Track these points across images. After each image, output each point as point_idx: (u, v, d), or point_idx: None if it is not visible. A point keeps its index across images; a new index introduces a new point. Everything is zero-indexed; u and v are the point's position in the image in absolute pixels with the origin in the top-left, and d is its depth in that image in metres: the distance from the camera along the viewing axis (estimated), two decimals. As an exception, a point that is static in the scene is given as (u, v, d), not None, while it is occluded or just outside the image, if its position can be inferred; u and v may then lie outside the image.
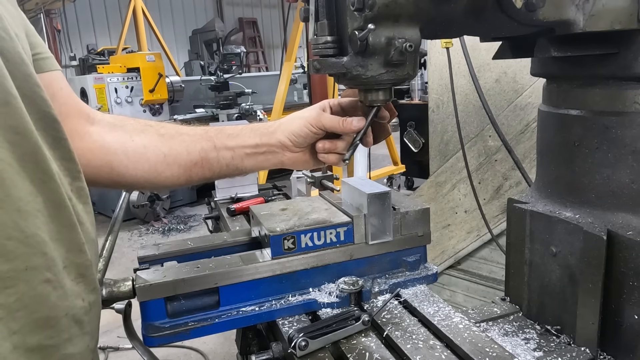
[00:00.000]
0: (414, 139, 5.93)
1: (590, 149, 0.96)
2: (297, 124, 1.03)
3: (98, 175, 0.99)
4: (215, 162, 1.05)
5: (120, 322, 1.07)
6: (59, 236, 0.71)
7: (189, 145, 1.04)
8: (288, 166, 1.09)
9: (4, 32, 0.66)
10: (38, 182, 0.68)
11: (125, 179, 1.01)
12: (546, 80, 1.10)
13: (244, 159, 1.06)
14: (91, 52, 10.47)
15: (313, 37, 0.95)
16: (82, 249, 0.76)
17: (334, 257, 1.13)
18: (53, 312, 0.69)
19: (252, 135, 1.05)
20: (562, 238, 0.99)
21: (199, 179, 1.06)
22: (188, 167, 1.03)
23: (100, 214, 6.48)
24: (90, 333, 0.78)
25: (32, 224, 0.66)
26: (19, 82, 0.66)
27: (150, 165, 1.01)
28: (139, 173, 1.01)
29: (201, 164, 1.04)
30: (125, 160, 1.00)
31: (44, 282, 0.67)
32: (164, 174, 1.03)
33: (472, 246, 2.79)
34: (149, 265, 1.17)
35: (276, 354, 0.99)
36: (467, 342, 0.92)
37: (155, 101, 6.39)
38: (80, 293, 0.75)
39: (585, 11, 0.85)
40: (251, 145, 1.05)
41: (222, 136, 1.06)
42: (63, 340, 0.71)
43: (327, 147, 1.03)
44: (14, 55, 0.67)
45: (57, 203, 0.71)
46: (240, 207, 1.87)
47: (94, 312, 0.79)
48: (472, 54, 2.23)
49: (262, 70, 15.51)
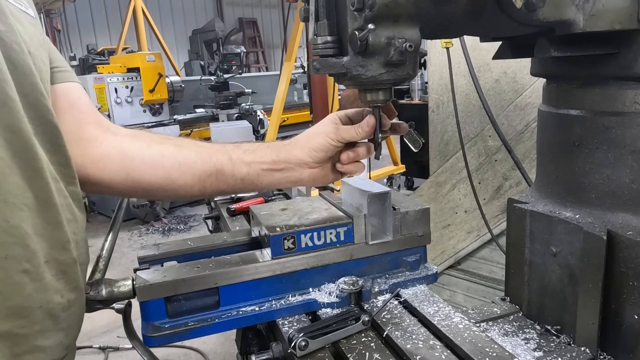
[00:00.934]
0: (414, 139, 5.92)
1: (590, 149, 0.96)
2: (317, 140, 1.04)
3: (113, 181, 1.00)
4: (230, 175, 1.05)
5: (120, 322, 1.07)
6: (43, 232, 0.75)
7: (204, 156, 1.05)
8: (307, 184, 1.11)
9: (17, 45, 0.74)
10: (28, 179, 0.73)
11: (140, 184, 1.02)
12: (546, 80, 1.10)
13: (260, 175, 1.06)
14: (91, 52, 10.47)
15: (313, 37, 0.95)
16: (65, 246, 0.79)
17: (334, 257, 1.13)
18: (27, 303, 0.72)
19: (269, 152, 1.07)
20: (562, 238, 0.99)
21: (213, 190, 1.07)
22: (202, 178, 1.04)
23: (100, 214, 6.49)
24: (66, 330, 0.80)
25: (17, 216, 0.70)
26: (25, 89, 0.74)
27: (165, 172, 1.03)
28: (153, 179, 1.02)
29: (216, 176, 1.05)
30: (141, 166, 1.01)
31: (21, 272, 0.71)
32: (178, 181, 1.04)
33: (472, 246, 2.79)
34: (149, 265, 1.17)
35: (276, 354, 0.99)
36: (467, 342, 0.92)
37: (155, 101, 6.39)
38: (59, 289, 0.78)
39: (585, 11, 0.85)
40: (268, 161, 1.06)
41: (239, 151, 1.07)
42: (34, 331, 0.74)
43: (352, 156, 1.06)
44: (22, 66, 0.74)
45: (45, 200, 0.76)
46: (240, 207, 1.87)
47: (73, 310, 0.82)
48: (472, 54, 2.23)
49: (262, 70, 15.52)
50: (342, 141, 1.04)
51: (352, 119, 1.09)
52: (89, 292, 1.00)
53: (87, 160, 0.96)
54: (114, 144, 1.01)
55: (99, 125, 1.02)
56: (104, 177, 0.99)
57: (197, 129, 6.81)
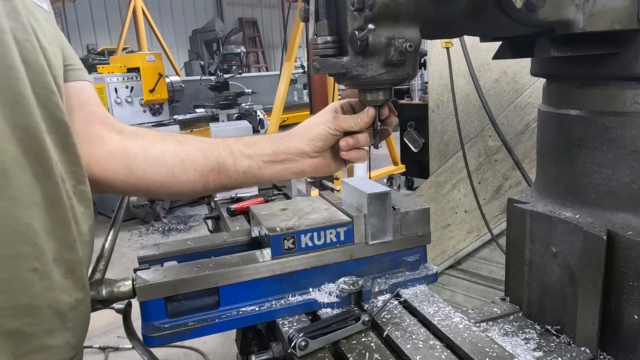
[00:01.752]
0: (414, 139, 5.93)
1: (590, 149, 0.96)
2: (316, 129, 1.05)
3: (116, 179, 1.01)
4: (232, 169, 1.06)
5: (120, 322, 1.07)
6: (52, 230, 0.75)
7: (205, 151, 1.05)
8: (310, 174, 1.11)
9: (29, 44, 0.74)
10: (38, 177, 0.72)
11: (143, 182, 1.03)
12: (546, 80, 1.10)
13: (262, 168, 1.07)
14: (91, 52, 10.47)
15: (313, 37, 0.95)
16: (73, 246, 0.79)
17: (334, 257, 1.13)
18: (35, 301, 0.72)
19: (270, 144, 1.07)
20: (562, 238, 0.99)
21: (216, 185, 1.08)
22: (205, 173, 1.05)
23: (100, 214, 6.47)
24: (73, 330, 0.80)
25: (26, 214, 0.70)
26: (37, 88, 0.74)
27: (167, 169, 1.03)
28: (156, 177, 1.03)
29: (218, 170, 1.05)
30: (144, 163, 1.02)
31: (30, 270, 0.71)
32: (180, 178, 1.04)
33: (472, 246, 2.79)
34: (149, 265, 1.17)
35: (276, 354, 0.99)
36: (467, 342, 0.92)
37: (155, 101, 6.39)
38: (67, 288, 0.78)
39: (585, 11, 0.85)
40: (269, 153, 1.06)
41: (240, 144, 1.07)
42: (42, 330, 0.74)
43: (351, 142, 1.05)
44: (34, 64, 0.74)
45: (55, 199, 0.75)
46: (240, 207, 1.87)
47: (80, 310, 0.82)
48: (472, 54, 2.23)
49: (262, 70, 15.52)
50: (340, 130, 1.04)
51: (354, 107, 1.09)
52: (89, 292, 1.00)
53: (91, 159, 0.97)
54: (117, 143, 1.02)
55: (106, 124, 1.02)
56: (107, 175, 0.99)
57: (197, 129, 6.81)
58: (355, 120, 1.02)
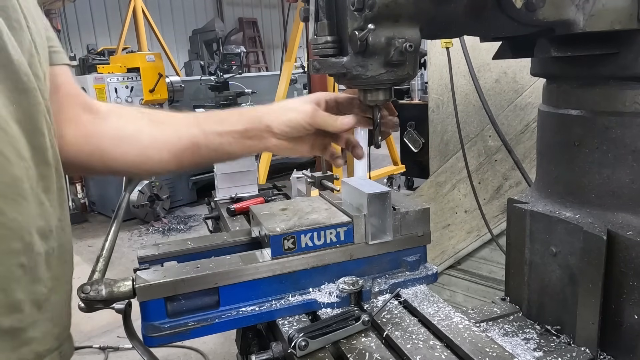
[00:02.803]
0: (414, 139, 5.93)
1: (590, 149, 0.96)
2: (291, 117, 1.03)
3: (90, 161, 1.00)
4: (204, 147, 1.05)
5: (120, 322, 1.06)
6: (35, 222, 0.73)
7: (179, 131, 1.05)
8: (273, 152, 1.10)
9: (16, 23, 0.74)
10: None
11: (117, 162, 1.02)
12: (546, 80, 1.10)
13: (232, 144, 1.06)
14: (91, 52, 10.46)
15: (313, 37, 0.95)
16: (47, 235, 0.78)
17: (334, 257, 1.13)
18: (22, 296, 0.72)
19: (241, 120, 1.06)
20: (562, 238, 0.99)
21: (189, 164, 1.07)
22: (178, 154, 1.04)
23: (100, 214, 6.49)
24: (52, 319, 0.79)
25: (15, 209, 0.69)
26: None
27: (141, 149, 1.03)
28: (129, 157, 1.02)
29: (191, 150, 1.05)
30: (117, 143, 1.01)
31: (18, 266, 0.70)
32: (154, 158, 1.04)
33: (472, 246, 2.78)
34: (149, 265, 1.17)
35: (276, 354, 0.99)
36: (467, 342, 0.92)
37: (155, 101, 6.38)
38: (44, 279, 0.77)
39: (585, 11, 0.85)
40: (239, 130, 1.05)
41: (211, 121, 1.07)
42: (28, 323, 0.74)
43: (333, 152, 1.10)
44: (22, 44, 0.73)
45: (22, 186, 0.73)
46: (240, 207, 1.87)
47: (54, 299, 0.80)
48: (472, 54, 2.23)
49: (262, 70, 15.50)
50: (314, 126, 1.02)
51: (340, 106, 1.08)
52: (89, 292, 1.00)
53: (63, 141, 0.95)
54: (89, 125, 1.01)
55: (80, 106, 1.01)
56: (81, 157, 0.98)
57: (197, 129, 6.79)
58: (333, 123, 1.01)
